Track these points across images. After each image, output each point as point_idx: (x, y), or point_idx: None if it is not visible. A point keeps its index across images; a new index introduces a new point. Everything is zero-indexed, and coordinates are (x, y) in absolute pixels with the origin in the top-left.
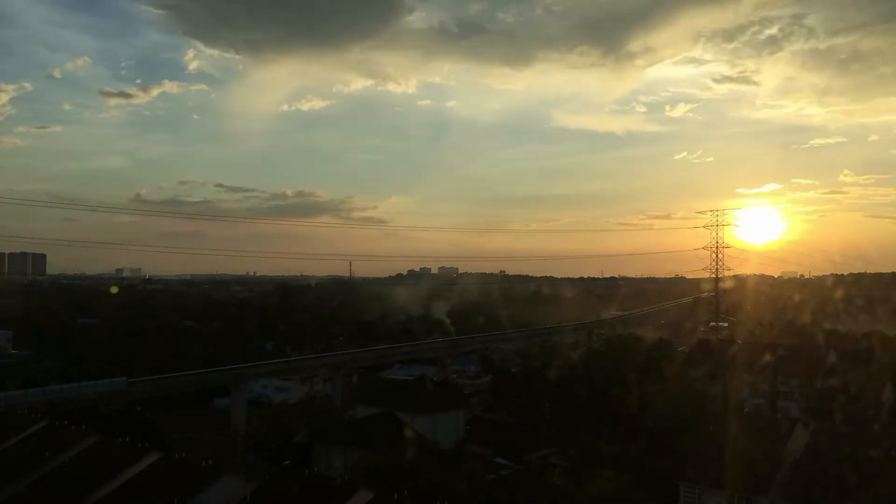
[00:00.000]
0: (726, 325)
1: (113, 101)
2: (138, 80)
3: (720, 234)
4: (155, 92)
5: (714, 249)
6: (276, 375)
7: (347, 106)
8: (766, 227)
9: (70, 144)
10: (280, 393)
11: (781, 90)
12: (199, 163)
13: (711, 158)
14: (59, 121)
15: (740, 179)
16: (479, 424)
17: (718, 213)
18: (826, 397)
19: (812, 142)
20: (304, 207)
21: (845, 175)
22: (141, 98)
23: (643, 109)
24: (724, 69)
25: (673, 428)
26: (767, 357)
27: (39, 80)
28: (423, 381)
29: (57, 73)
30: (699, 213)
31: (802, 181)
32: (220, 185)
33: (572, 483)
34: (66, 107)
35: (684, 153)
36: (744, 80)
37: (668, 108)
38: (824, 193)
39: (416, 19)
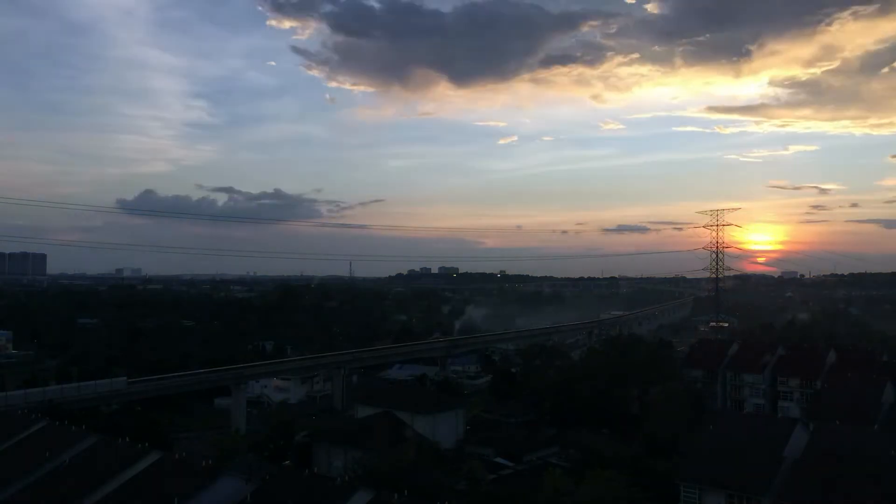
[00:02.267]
0: (726, 324)
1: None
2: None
3: (721, 234)
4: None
5: (715, 247)
6: (276, 375)
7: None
8: (766, 228)
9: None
10: (280, 393)
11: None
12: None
13: (720, 162)
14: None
15: (743, 181)
16: (479, 424)
17: (719, 213)
18: (826, 397)
19: (815, 146)
20: (308, 207)
21: (847, 178)
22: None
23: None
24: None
25: (673, 428)
26: (767, 357)
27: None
28: (423, 381)
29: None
30: (700, 212)
31: (804, 183)
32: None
33: (572, 483)
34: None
35: (695, 159)
36: (774, 95)
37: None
38: (825, 195)
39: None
